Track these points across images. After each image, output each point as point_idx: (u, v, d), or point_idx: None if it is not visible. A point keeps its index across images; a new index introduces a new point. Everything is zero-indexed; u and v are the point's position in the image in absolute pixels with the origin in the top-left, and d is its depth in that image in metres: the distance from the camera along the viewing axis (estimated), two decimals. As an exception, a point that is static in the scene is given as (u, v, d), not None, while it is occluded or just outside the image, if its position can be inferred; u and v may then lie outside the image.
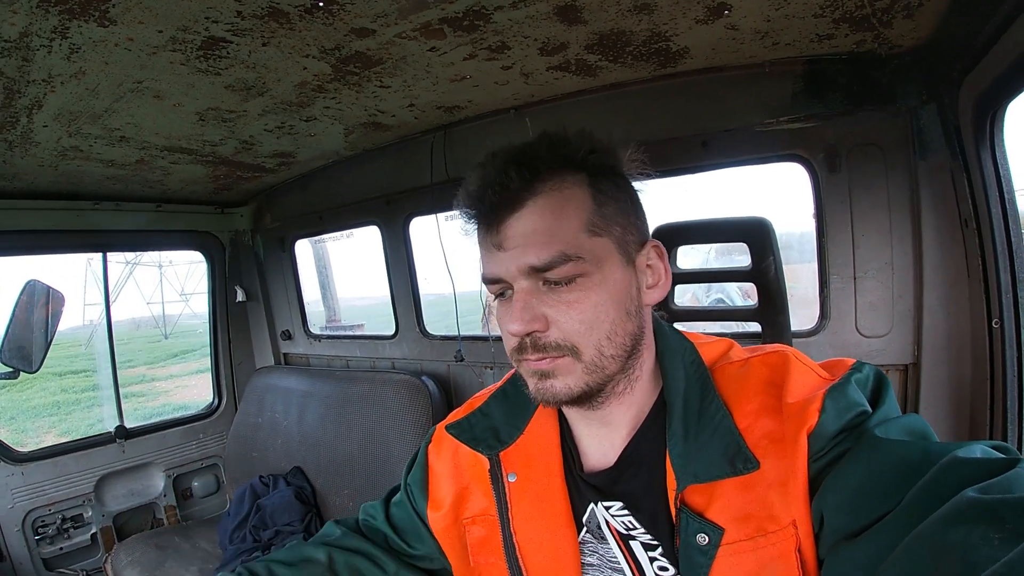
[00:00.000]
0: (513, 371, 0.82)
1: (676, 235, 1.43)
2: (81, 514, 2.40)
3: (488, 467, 0.79)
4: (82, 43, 1.11)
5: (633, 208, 0.70)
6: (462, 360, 2.23)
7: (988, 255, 1.20)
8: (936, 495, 0.47)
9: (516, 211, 0.64)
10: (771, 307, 1.33)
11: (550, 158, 0.65)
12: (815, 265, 1.57)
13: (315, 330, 2.89)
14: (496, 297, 0.70)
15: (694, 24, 1.21)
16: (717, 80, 1.53)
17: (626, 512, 0.71)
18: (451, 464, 0.85)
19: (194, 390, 11.34)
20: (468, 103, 1.76)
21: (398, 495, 0.93)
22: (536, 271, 0.63)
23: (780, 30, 1.24)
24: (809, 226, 1.60)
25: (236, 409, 2.82)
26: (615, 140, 0.69)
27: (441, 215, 2.28)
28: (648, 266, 0.70)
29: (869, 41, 1.28)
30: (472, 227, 0.69)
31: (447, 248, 2.25)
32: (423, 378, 2.21)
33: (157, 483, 2.64)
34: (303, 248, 2.88)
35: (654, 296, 0.70)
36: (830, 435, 0.59)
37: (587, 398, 0.67)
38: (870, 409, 0.60)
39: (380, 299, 2.76)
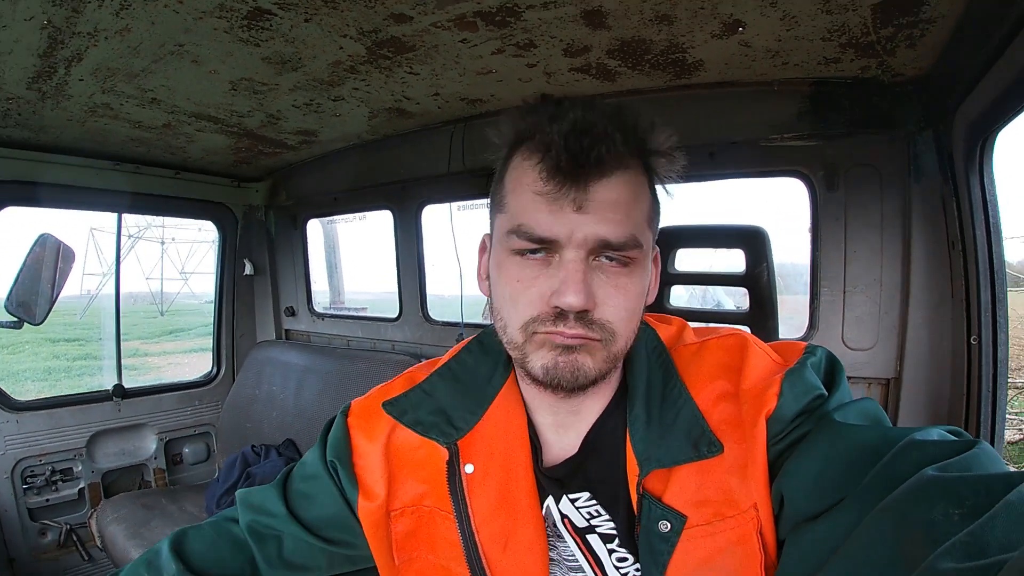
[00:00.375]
0: (456, 349, 0.79)
1: (675, 238, 1.50)
2: (71, 468, 2.44)
3: (446, 458, 0.71)
4: (134, 1, 1.15)
5: (658, 213, 0.69)
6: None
7: (971, 275, 1.27)
8: (896, 475, 0.48)
9: (607, 175, 0.58)
10: (761, 312, 1.39)
11: (642, 140, 0.62)
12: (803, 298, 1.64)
13: (319, 309, 2.95)
14: (522, 254, 0.62)
15: (710, 38, 1.30)
16: (728, 94, 1.61)
17: (593, 501, 0.69)
18: (383, 446, 0.74)
19: (186, 368, 11.36)
20: (491, 97, 1.84)
21: (299, 484, 0.79)
22: (606, 246, 0.59)
23: (790, 50, 1.32)
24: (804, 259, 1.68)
25: (234, 380, 2.86)
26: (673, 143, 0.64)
27: (455, 204, 2.37)
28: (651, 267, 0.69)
29: (873, 67, 1.36)
30: (549, 174, 0.58)
31: (457, 237, 2.33)
32: (422, 360, 2.27)
33: (149, 445, 2.68)
34: (314, 229, 2.95)
35: (649, 299, 0.69)
36: (788, 419, 0.60)
37: (591, 386, 0.64)
38: (826, 392, 0.61)
39: (380, 295, 2.82)
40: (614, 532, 0.68)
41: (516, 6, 1.18)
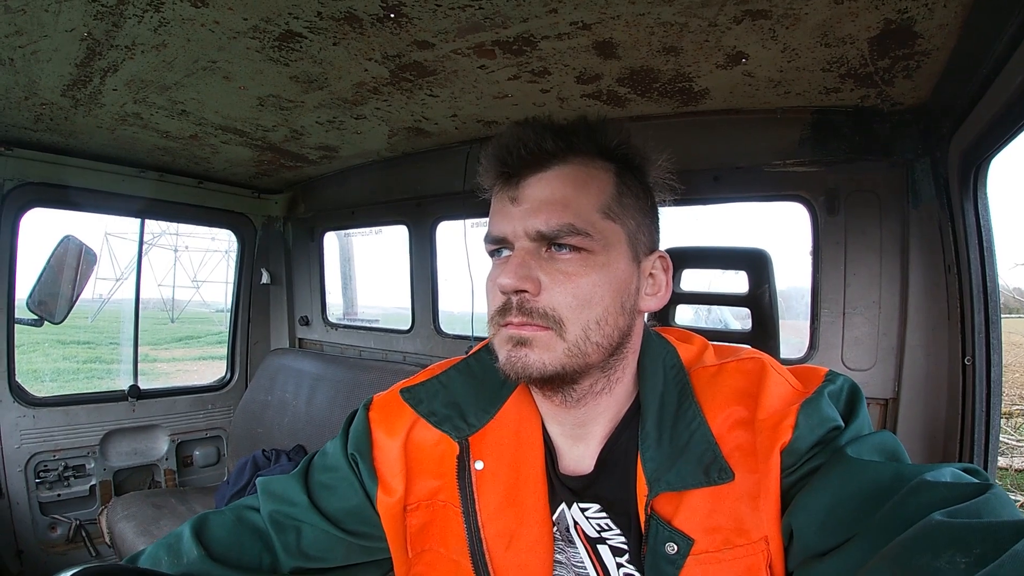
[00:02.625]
0: (479, 346, 0.81)
1: (681, 258, 1.55)
2: (84, 464, 2.49)
3: (457, 453, 0.72)
4: (172, 18, 1.21)
5: (651, 212, 0.70)
6: None
7: (966, 298, 1.32)
8: (905, 517, 0.47)
9: (540, 172, 0.64)
10: (763, 332, 1.43)
11: (586, 137, 0.66)
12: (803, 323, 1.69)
13: (333, 319, 3.03)
14: (492, 256, 0.69)
15: (715, 68, 1.37)
16: (733, 121, 1.69)
17: (603, 514, 0.69)
18: (402, 443, 0.76)
19: (195, 375, 11.43)
20: (506, 119, 1.92)
21: (319, 475, 0.80)
22: (542, 237, 0.63)
23: (791, 80, 1.40)
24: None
25: (247, 386, 2.92)
26: (647, 148, 0.70)
27: (469, 221, 2.44)
28: (651, 274, 0.70)
29: (873, 97, 1.43)
30: (491, 177, 0.68)
31: (470, 251, 2.40)
32: None
33: (160, 446, 2.73)
34: (330, 241, 3.04)
35: (651, 304, 0.69)
36: (803, 451, 0.59)
37: (559, 382, 0.65)
38: (843, 424, 0.61)
39: (392, 310, 2.88)
40: (625, 547, 0.68)
41: (532, 36, 1.26)
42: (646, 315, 0.74)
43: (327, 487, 0.78)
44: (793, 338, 1.83)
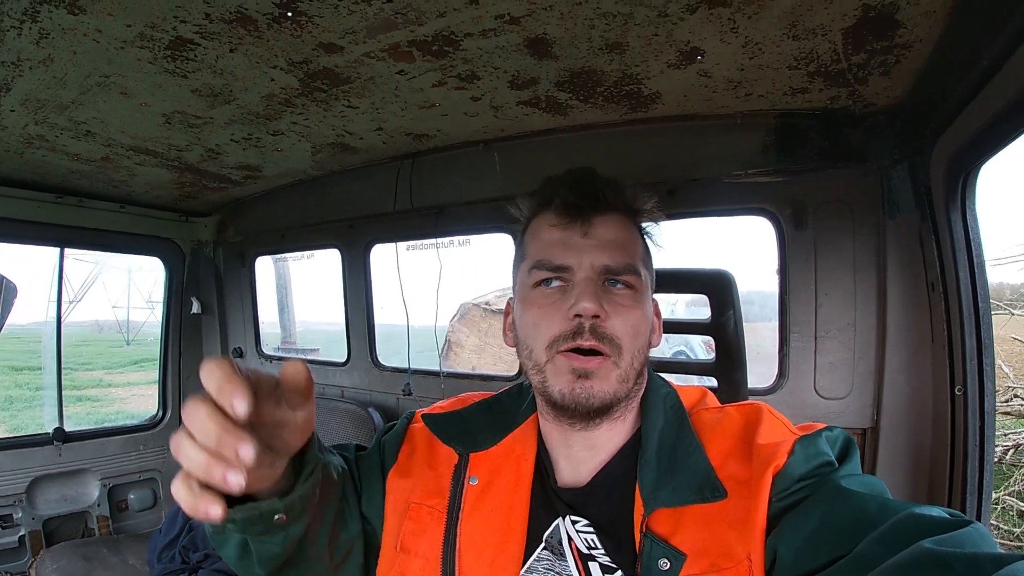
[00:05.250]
0: (504, 389, 0.87)
1: None
2: (11, 514, 2.28)
3: (455, 462, 0.79)
4: (51, 29, 1.08)
5: (652, 263, 0.78)
6: (410, 394, 2.15)
7: (954, 320, 1.18)
8: (891, 544, 0.49)
9: (605, 215, 0.72)
10: (729, 362, 1.27)
11: (626, 196, 0.75)
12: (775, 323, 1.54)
13: (268, 350, 2.80)
14: (536, 285, 0.73)
15: (666, 68, 1.20)
16: (688, 128, 1.53)
17: (591, 531, 0.71)
18: (428, 447, 0.83)
19: (151, 400, 10.86)
20: (437, 132, 1.74)
21: (365, 452, 0.89)
22: (608, 271, 0.69)
23: (753, 80, 1.24)
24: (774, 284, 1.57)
25: (180, 423, 2.67)
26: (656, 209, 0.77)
27: (401, 244, 2.25)
28: (651, 315, 0.75)
29: (844, 97, 1.28)
30: (554, 207, 0.74)
31: (403, 279, 2.21)
32: (369, 409, 2.13)
33: (92, 492, 2.50)
34: (264, 266, 2.81)
35: (654, 341, 0.76)
36: (795, 477, 0.61)
37: (608, 411, 0.70)
38: (836, 463, 0.63)
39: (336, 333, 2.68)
40: (613, 566, 0.69)
41: (453, 34, 1.07)
42: None
43: (363, 464, 0.85)
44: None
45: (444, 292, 2.24)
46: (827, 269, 1.45)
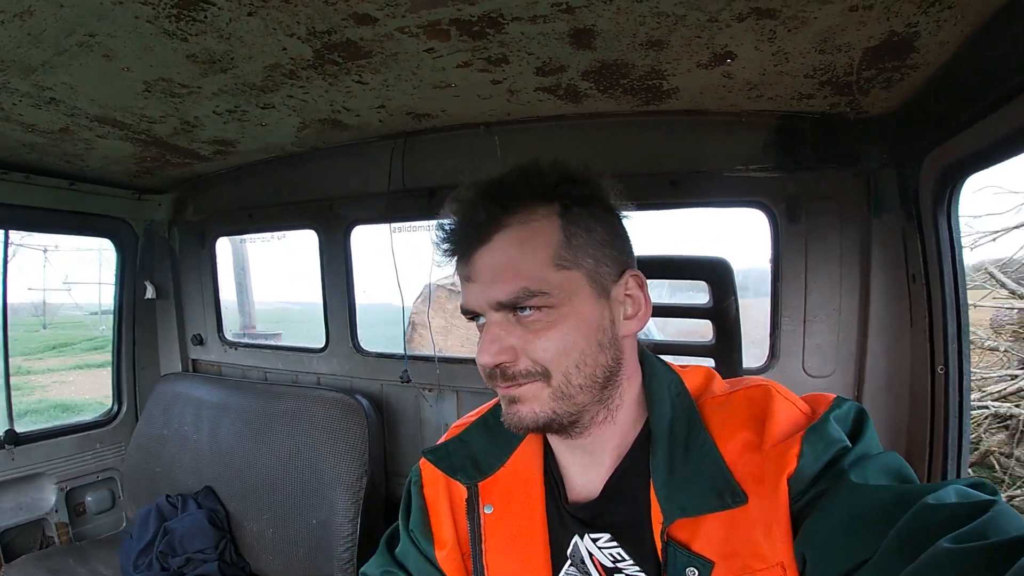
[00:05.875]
0: (496, 399, 0.81)
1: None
2: None
3: (465, 496, 0.77)
4: None
5: (610, 238, 0.69)
6: (408, 381, 2.10)
7: (936, 308, 1.31)
8: (910, 545, 0.48)
9: (483, 244, 0.65)
10: (727, 345, 1.35)
11: (521, 190, 0.66)
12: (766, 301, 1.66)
13: (231, 336, 2.62)
14: (474, 322, 0.71)
15: (694, 67, 1.24)
16: (695, 123, 1.58)
17: (614, 544, 0.70)
18: (446, 496, 0.81)
19: (72, 387, 10.04)
20: (441, 112, 1.69)
21: (400, 546, 0.86)
22: (502, 306, 0.64)
23: (770, 84, 1.30)
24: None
25: (137, 418, 2.50)
26: (593, 170, 0.70)
27: (395, 225, 2.16)
28: (628, 295, 0.69)
29: (842, 105, 1.38)
30: (446, 259, 0.70)
31: (390, 261, 2.14)
32: (357, 396, 2.06)
33: (48, 497, 2.30)
34: (221, 247, 2.62)
35: (632, 327, 0.69)
36: (808, 479, 0.60)
37: (557, 427, 0.67)
38: (849, 444, 0.62)
39: (302, 304, 2.56)
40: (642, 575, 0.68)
41: (501, 17, 1.05)
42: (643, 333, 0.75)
43: (404, 557, 0.85)
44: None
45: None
46: (816, 260, 1.56)
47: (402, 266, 2.14)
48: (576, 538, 0.72)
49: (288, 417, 2.05)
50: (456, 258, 0.68)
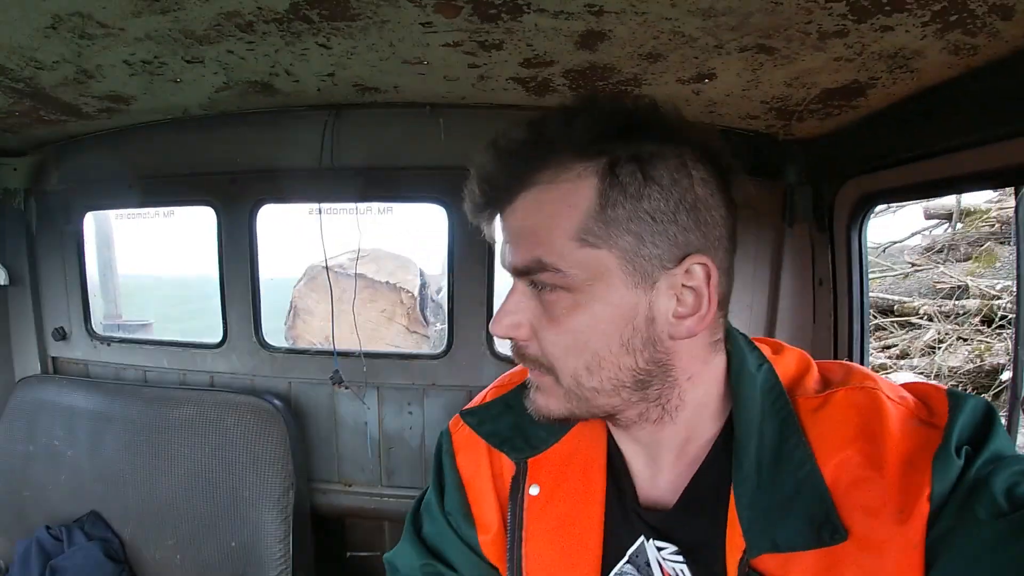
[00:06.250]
0: None
1: None
2: None
3: (512, 473, 0.67)
4: None
5: (673, 210, 0.53)
6: (341, 382, 1.93)
7: (841, 309, 1.55)
8: None
9: (510, 204, 0.56)
10: None
11: (560, 137, 0.53)
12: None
13: (101, 329, 2.22)
14: None
15: (673, 81, 1.32)
16: None
17: (680, 559, 0.61)
18: (488, 469, 0.70)
19: None
20: (392, 88, 1.59)
21: (432, 528, 0.75)
22: (519, 273, 0.56)
23: (728, 104, 1.44)
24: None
25: None
26: (682, 116, 0.57)
27: (303, 207, 2.02)
28: (688, 287, 0.55)
29: (777, 127, 1.57)
30: (481, 219, 0.60)
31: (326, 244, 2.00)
32: (268, 398, 1.88)
33: None
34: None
35: (688, 327, 0.55)
36: (939, 505, 0.50)
37: (579, 421, 0.63)
38: (974, 451, 0.51)
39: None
40: None
41: (528, 5, 1.01)
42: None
43: (439, 541, 0.74)
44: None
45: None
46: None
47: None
48: (643, 539, 0.63)
49: (189, 425, 1.81)
50: (486, 218, 0.59)
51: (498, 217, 0.58)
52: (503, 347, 1.84)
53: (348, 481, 2.00)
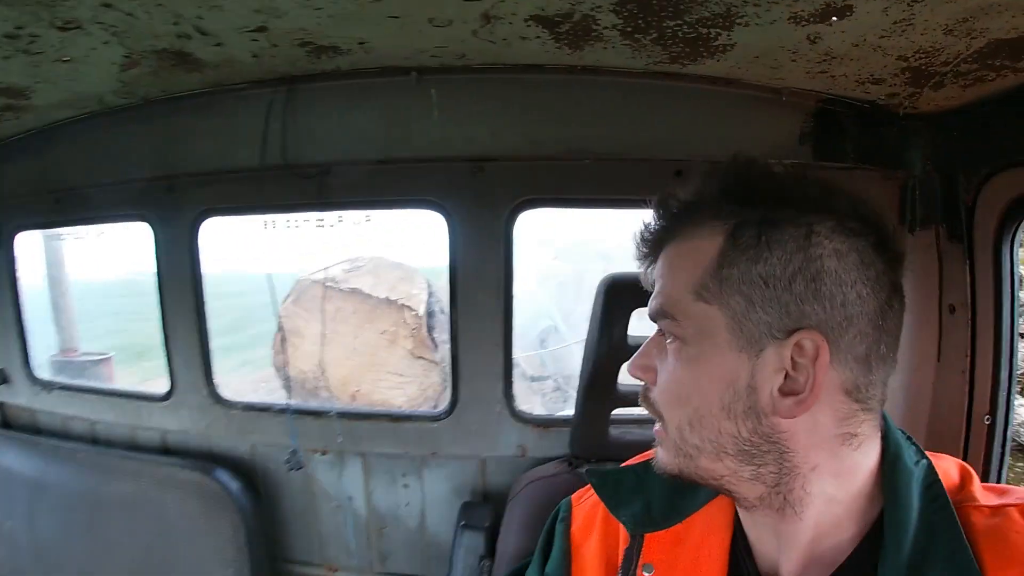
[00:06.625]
0: None
1: (628, 291, 1.09)
2: None
3: (626, 545, 0.66)
4: None
5: (789, 279, 0.52)
6: (299, 467, 1.53)
7: (980, 345, 1.14)
8: None
9: (656, 256, 0.60)
10: None
11: (703, 197, 0.57)
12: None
13: (42, 372, 1.87)
14: None
15: (782, 19, 0.89)
16: (721, 97, 1.25)
17: None
18: (600, 542, 0.70)
19: None
20: (356, 46, 1.15)
21: None
22: (651, 318, 0.59)
23: (851, 58, 1.01)
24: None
25: None
26: (823, 182, 0.57)
27: (270, 217, 1.61)
28: (796, 364, 0.51)
29: (901, 96, 1.14)
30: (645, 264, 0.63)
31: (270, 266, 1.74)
32: (217, 475, 1.50)
33: None
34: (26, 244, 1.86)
35: (789, 408, 0.51)
36: None
37: (691, 484, 0.59)
38: None
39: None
40: None
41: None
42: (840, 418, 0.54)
43: None
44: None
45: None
46: None
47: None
48: None
49: (130, 505, 1.52)
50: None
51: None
52: (527, 404, 1.42)
53: (332, 565, 1.63)
